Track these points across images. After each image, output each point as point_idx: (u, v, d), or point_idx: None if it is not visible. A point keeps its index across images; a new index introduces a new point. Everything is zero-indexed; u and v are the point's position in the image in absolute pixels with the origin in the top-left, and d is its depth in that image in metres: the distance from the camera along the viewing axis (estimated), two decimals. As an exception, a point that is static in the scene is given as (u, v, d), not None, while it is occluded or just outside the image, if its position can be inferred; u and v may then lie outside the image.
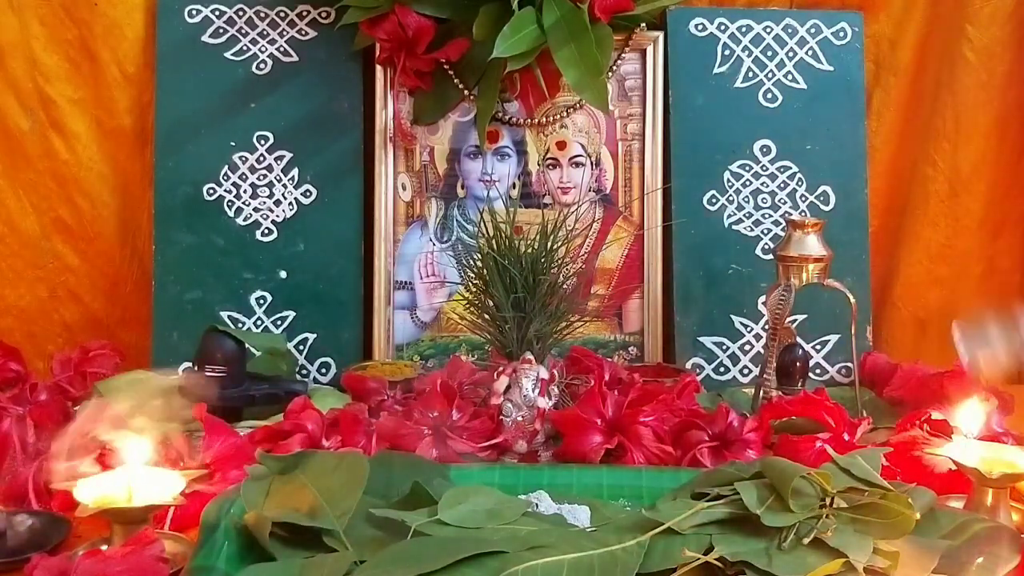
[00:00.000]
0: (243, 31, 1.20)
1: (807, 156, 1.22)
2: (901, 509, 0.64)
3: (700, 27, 1.22)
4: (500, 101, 1.19)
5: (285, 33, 1.20)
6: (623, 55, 1.20)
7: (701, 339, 1.19)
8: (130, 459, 0.77)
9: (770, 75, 1.22)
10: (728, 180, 1.21)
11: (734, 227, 1.21)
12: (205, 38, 1.19)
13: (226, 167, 1.19)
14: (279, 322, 1.18)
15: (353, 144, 1.20)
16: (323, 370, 1.18)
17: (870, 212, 1.23)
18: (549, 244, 0.95)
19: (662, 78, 1.21)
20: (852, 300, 1.03)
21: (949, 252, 1.28)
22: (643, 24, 1.19)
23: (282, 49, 1.20)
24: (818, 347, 1.19)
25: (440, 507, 0.69)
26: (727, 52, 1.22)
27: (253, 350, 1.11)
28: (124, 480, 0.75)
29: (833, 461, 0.69)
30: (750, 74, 1.22)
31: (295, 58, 1.20)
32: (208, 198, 1.18)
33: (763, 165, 1.21)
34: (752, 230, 1.21)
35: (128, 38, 1.20)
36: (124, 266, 1.23)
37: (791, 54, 1.22)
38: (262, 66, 1.19)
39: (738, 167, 1.21)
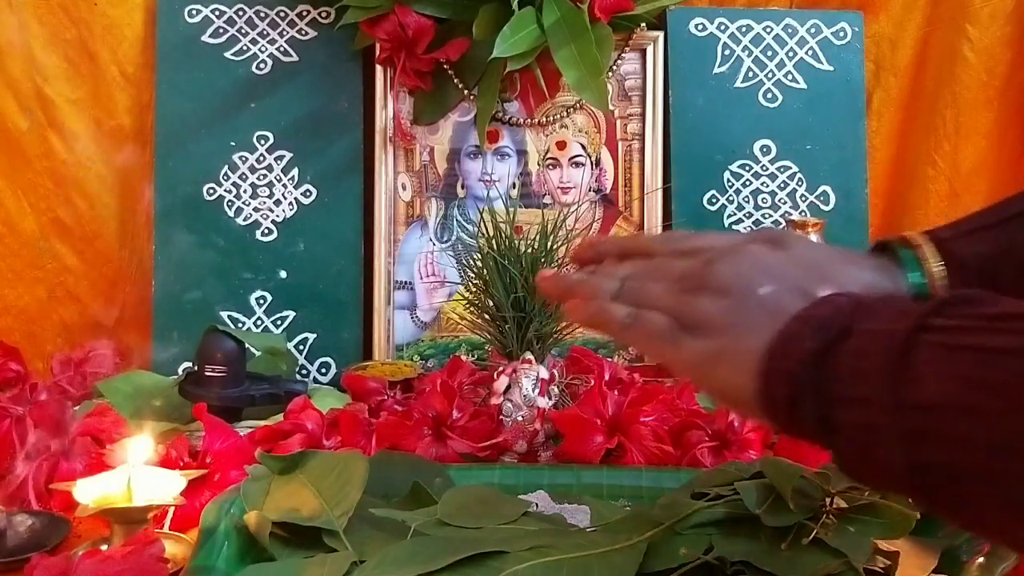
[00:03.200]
0: (243, 31, 1.19)
1: (807, 156, 1.22)
2: (901, 509, 0.64)
3: (700, 27, 1.22)
4: (500, 101, 1.19)
5: (285, 33, 1.20)
6: (623, 55, 1.20)
7: (701, 339, 1.19)
8: (130, 459, 0.77)
9: (770, 75, 1.22)
10: (728, 180, 1.21)
11: (734, 227, 1.21)
12: (205, 38, 1.19)
13: (226, 167, 1.19)
14: (279, 322, 1.18)
15: (353, 144, 1.20)
16: (323, 370, 1.18)
17: (870, 212, 1.23)
18: (549, 244, 0.95)
19: (662, 78, 1.21)
20: (852, 300, 1.03)
21: (949, 252, 1.28)
22: (643, 24, 1.19)
23: (282, 49, 1.20)
24: (818, 347, 1.19)
25: (440, 507, 0.69)
26: (727, 52, 1.22)
27: (253, 350, 1.11)
28: (124, 480, 0.75)
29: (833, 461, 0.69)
30: (750, 74, 1.22)
31: (295, 58, 1.20)
32: (208, 198, 1.18)
33: (763, 165, 1.21)
34: (752, 230, 1.21)
35: (128, 38, 1.19)
36: (124, 266, 1.23)
37: (791, 54, 1.22)
38: (262, 66, 1.19)
39: (738, 167, 1.21)
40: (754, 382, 0.43)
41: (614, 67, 1.20)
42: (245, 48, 1.19)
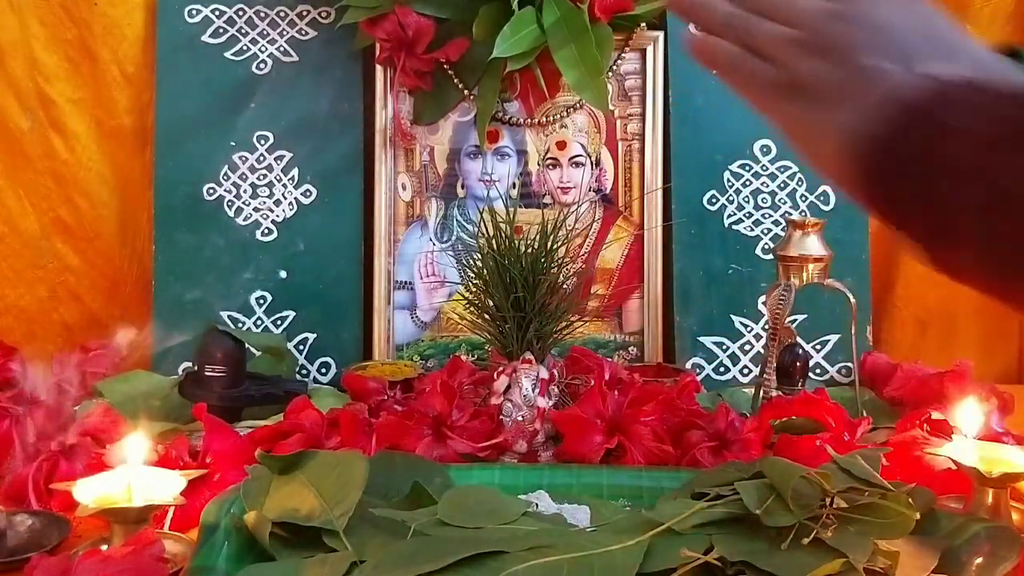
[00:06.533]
0: (243, 31, 1.20)
1: (807, 156, 1.22)
2: (901, 509, 0.64)
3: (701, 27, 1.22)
4: (500, 101, 1.19)
5: (285, 33, 1.20)
6: (623, 55, 1.20)
7: (701, 339, 1.19)
8: (130, 459, 0.77)
9: (770, 75, 1.22)
10: (728, 180, 1.21)
11: (734, 227, 1.21)
12: (205, 38, 1.19)
13: (226, 167, 1.19)
14: (279, 322, 1.18)
15: (353, 144, 1.20)
16: (323, 370, 1.18)
17: (870, 212, 1.23)
18: (549, 244, 0.94)
19: (662, 78, 1.21)
20: (852, 300, 1.03)
21: (949, 252, 1.28)
22: (643, 24, 1.19)
23: (282, 49, 1.20)
24: (818, 347, 1.19)
25: (440, 507, 0.69)
26: (727, 52, 1.22)
27: (253, 350, 1.11)
28: (124, 480, 0.75)
29: (833, 461, 0.69)
30: (750, 74, 1.22)
31: (295, 58, 1.20)
32: (208, 198, 1.18)
33: (763, 165, 1.21)
34: (752, 230, 1.21)
35: (128, 38, 1.20)
36: (124, 266, 1.23)
37: (791, 54, 1.22)
38: (262, 66, 1.19)
39: (738, 167, 1.21)
40: (843, 159, 0.43)
41: (614, 67, 1.20)
42: (245, 48, 1.19)
